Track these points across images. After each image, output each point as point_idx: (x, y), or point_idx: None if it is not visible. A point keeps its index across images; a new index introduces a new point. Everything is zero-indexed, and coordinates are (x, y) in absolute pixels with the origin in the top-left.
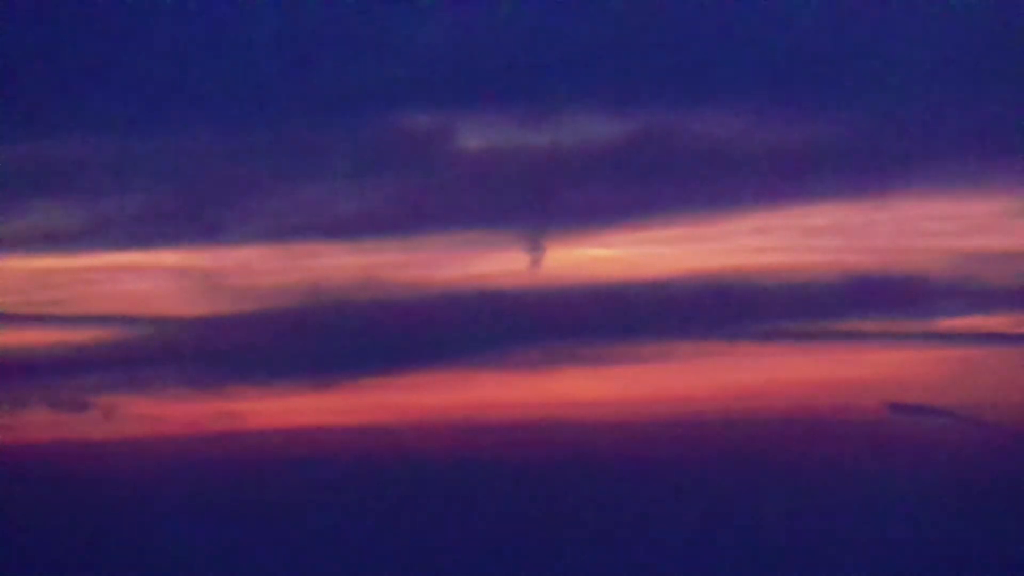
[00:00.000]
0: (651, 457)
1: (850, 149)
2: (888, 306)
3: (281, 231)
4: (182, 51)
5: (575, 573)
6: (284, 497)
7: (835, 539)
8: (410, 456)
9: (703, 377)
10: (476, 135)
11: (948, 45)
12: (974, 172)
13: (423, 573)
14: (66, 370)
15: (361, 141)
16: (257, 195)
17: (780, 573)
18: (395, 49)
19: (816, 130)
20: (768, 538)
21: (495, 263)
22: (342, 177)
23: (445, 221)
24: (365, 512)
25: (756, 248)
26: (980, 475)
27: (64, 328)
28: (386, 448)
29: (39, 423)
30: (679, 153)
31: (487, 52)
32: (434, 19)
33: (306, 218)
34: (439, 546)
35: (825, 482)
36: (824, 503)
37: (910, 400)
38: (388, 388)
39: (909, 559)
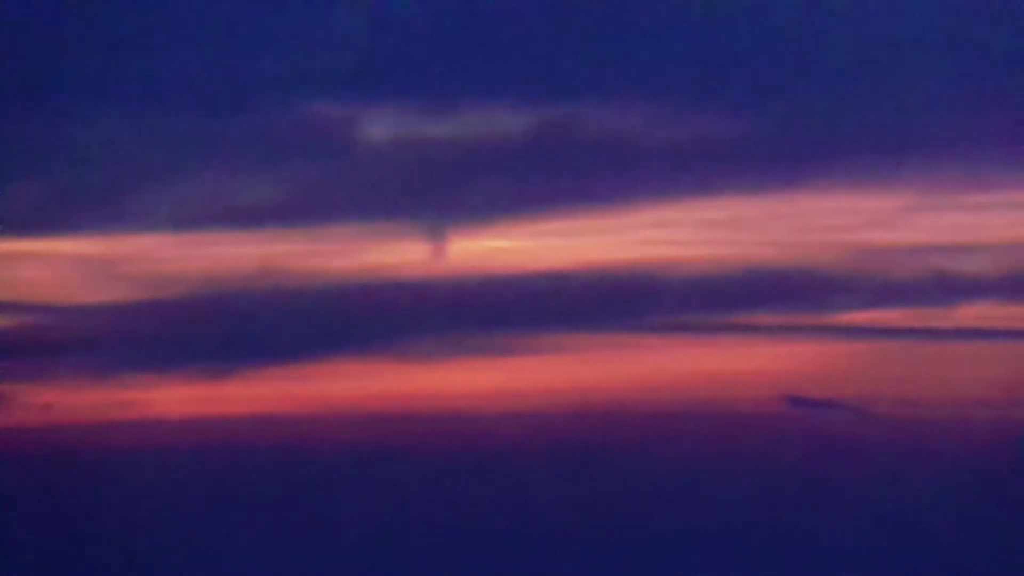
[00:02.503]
0: (549, 448)
1: (750, 143)
2: (786, 299)
3: (181, 219)
4: (82, 38)
5: (468, 565)
6: (179, 487)
7: (731, 533)
8: (308, 447)
9: (602, 369)
10: (380, 125)
11: (848, 40)
12: (873, 167)
13: (317, 565)
14: None
15: (263, 130)
16: (157, 183)
17: (677, 567)
18: (299, 38)
19: (717, 124)
20: (664, 532)
21: (396, 253)
22: (244, 166)
23: (347, 211)
24: (262, 503)
25: (656, 241)
26: (876, 467)
27: None
28: (285, 438)
29: None
30: (581, 145)
31: (392, 42)
32: (339, 9)
33: (206, 207)
34: (337, 538)
35: (723, 475)
36: (721, 496)
37: (808, 393)
38: (287, 378)
39: (804, 553)
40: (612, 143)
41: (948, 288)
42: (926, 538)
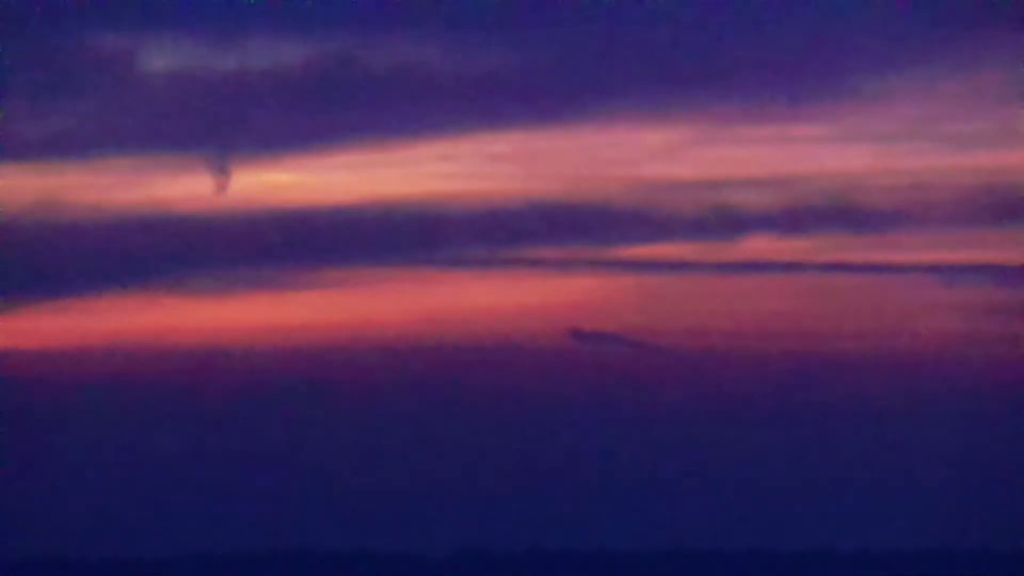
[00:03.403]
0: (333, 382)
1: (535, 77)
2: (570, 234)
3: None
4: None
5: (245, 498)
6: None
7: (515, 464)
8: (88, 380)
9: (387, 303)
10: (161, 57)
11: None
12: (654, 102)
13: (95, 499)
14: None
15: (44, 62)
16: None
17: (464, 496)
18: None
19: (501, 57)
20: (448, 463)
21: (178, 187)
22: (24, 98)
23: (129, 144)
24: (40, 437)
25: (440, 175)
26: (657, 399)
27: None
28: (62, 374)
29: None
30: (364, 79)
31: None
32: None
33: None
34: (116, 470)
35: (509, 408)
36: (506, 429)
37: (591, 327)
38: (67, 312)
39: (590, 480)
40: (396, 76)
41: (730, 222)
42: (706, 470)
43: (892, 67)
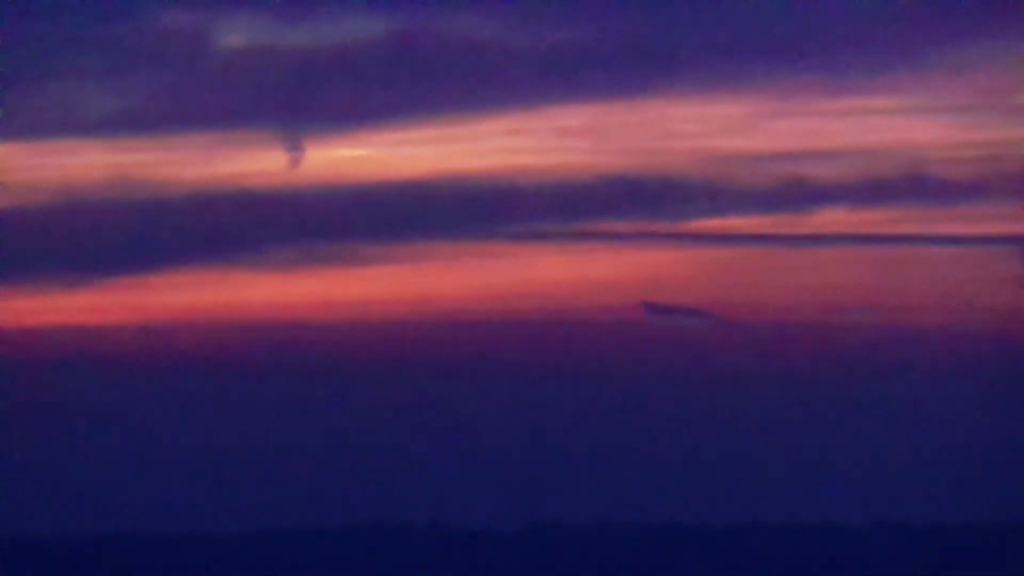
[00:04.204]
0: (406, 357)
1: (605, 50)
2: (642, 207)
3: (33, 128)
4: None
5: (324, 474)
6: (35, 398)
7: (588, 440)
8: (165, 355)
9: (458, 277)
10: (235, 33)
11: None
12: (727, 74)
13: (177, 475)
14: None
15: (118, 38)
16: (9, 92)
17: (537, 472)
18: None
19: (573, 30)
20: (522, 441)
21: (253, 163)
22: (97, 75)
23: (202, 120)
24: (119, 414)
25: (511, 149)
26: (732, 374)
27: None
28: (141, 348)
29: None
30: (437, 53)
31: None
32: None
33: (59, 115)
34: (192, 448)
35: (581, 383)
36: (579, 404)
37: (665, 300)
38: (143, 287)
39: (665, 456)
40: (467, 50)
41: (804, 194)
42: (781, 445)
43: (968, 39)
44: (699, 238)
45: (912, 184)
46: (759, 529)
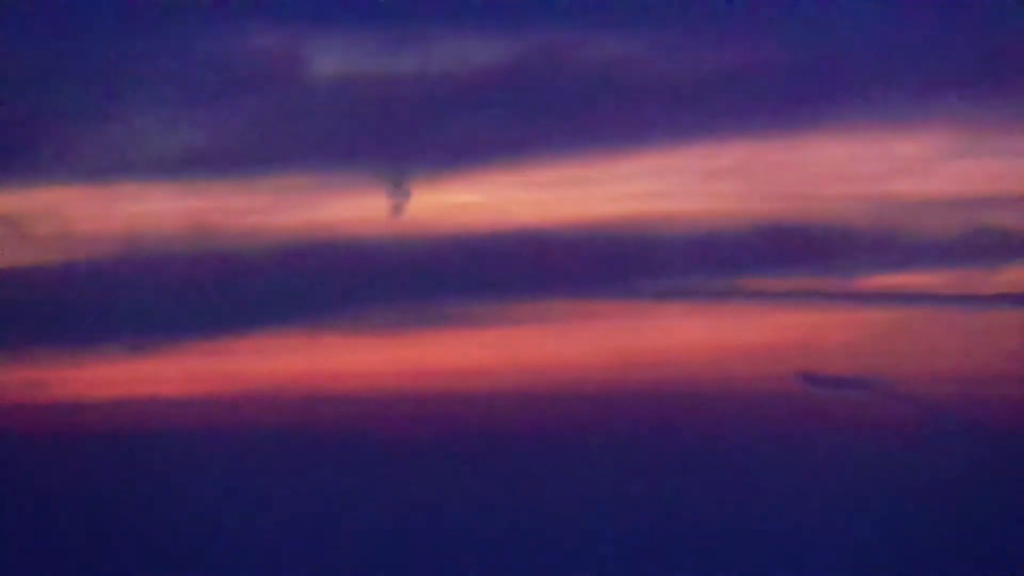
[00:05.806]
0: (526, 432)
1: (760, 79)
2: (801, 261)
3: (98, 170)
4: None
5: (430, 557)
6: (98, 475)
7: (741, 522)
8: (248, 431)
9: (587, 341)
10: (331, 59)
11: None
12: (901, 108)
13: (263, 556)
14: None
15: (195, 64)
16: (71, 128)
17: (678, 556)
18: None
19: (723, 59)
20: (667, 520)
21: (349, 209)
22: (171, 107)
23: (292, 160)
24: (200, 491)
25: (650, 193)
26: (902, 453)
27: None
28: (219, 422)
29: None
30: (563, 83)
31: None
32: None
33: (127, 154)
34: (282, 526)
35: (727, 462)
36: (726, 484)
37: (825, 369)
38: (221, 353)
39: (822, 543)
40: (601, 79)
41: (989, 246)
42: (951, 539)
43: None
44: (868, 297)
45: None
46: None
